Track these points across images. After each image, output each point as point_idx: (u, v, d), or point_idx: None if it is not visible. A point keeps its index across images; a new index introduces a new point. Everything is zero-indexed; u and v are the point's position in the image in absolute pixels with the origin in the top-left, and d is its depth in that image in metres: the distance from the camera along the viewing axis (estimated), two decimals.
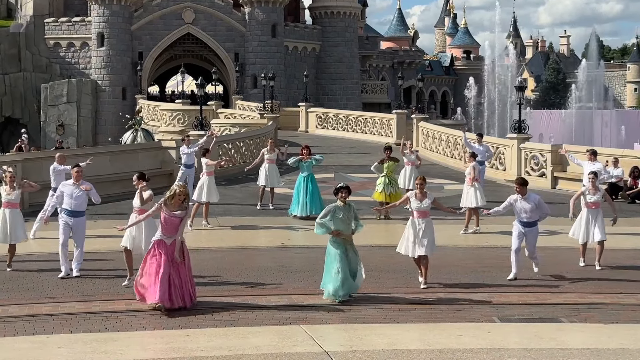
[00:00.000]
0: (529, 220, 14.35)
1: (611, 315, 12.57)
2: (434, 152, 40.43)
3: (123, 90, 73.28)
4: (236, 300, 13.40)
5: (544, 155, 30.85)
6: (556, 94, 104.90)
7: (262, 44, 75.49)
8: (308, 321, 11.79)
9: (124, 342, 10.73)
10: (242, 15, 75.94)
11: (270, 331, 11.42)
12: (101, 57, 74.27)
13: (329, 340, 10.70)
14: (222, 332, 11.33)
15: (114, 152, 32.80)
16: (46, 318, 12.41)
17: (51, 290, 14.46)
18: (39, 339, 11.11)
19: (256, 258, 18.37)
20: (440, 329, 11.68)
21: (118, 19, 74.06)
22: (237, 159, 33.91)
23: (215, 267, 16.03)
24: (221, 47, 75.59)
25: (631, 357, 10.05)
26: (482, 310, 12.67)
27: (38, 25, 76.85)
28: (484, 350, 10.61)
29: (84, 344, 10.94)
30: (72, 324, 12.00)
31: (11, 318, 12.42)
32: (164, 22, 75.49)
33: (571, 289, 14.49)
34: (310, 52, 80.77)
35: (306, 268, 16.02)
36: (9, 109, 72.51)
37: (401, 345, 10.88)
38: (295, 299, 13.56)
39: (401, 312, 12.75)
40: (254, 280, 15.32)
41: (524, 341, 11.15)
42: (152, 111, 59.88)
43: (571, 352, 10.56)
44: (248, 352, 10.22)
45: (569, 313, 12.64)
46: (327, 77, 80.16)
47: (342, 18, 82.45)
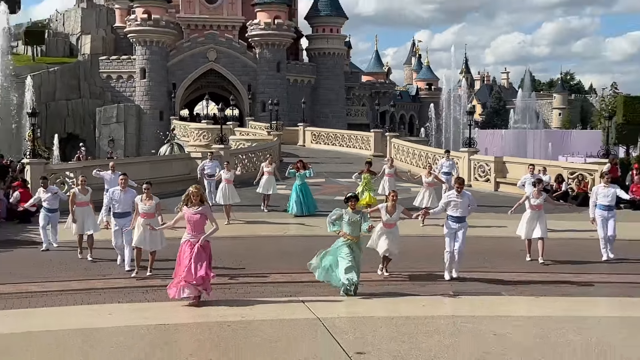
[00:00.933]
0: (462, 215, 13.27)
1: (540, 290, 12.61)
2: (402, 162, 40.33)
3: (160, 113, 73.32)
4: (247, 278, 13.42)
5: (488, 165, 30.96)
6: (498, 117, 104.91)
7: (269, 77, 75.67)
8: (304, 294, 11.85)
9: (157, 311, 10.80)
10: (254, 54, 76.14)
11: (274, 302, 11.51)
12: (143, 87, 74.37)
13: (320, 309, 10.71)
14: (236, 302, 11.32)
15: (153, 162, 33.21)
16: (99, 291, 12.49)
17: (103, 270, 14.39)
18: (94, 308, 11.21)
19: (263, 245, 18.27)
20: (407, 301, 11.68)
21: (156, 57, 74.13)
22: (249, 167, 33.88)
23: (232, 252, 15.96)
24: (237, 80, 75.72)
25: (554, 322, 10.12)
26: (441, 287, 12.67)
27: (94, 62, 76.86)
28: (442, 317, 10.68)
29: (129, 312, 11.04)
30: (119, 296, 12.10)
31: (72, 291, 12.58)
32: (192, 60, 75.56)
33: (510, 269, 14.46)
34: (307, 84, 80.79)
35: (301, 253, 16.00)
36: (71, 127, 72.45)
37: (375, 313, 10.97)
38: (294, 277, 13.55)
39: (375, 288, 12.71)
40: (262, 262, 15.28)
41: (473, 309, 11.24)
42: (183, 129, 59.89)
43: (510, 317, 10.66)
44: (256, 318, 10.33)
45: (508, 288, 12.62)
46: (320, 103, 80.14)
47: (331, 57, 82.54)
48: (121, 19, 79.31)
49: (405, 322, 10.38)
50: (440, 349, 8.96)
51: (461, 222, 13.30)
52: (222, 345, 9.04)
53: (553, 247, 15.64)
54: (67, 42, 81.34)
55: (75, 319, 10.45)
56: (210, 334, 9.65)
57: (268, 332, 9.57)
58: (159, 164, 31.49)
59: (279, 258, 15.98)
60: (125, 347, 9.02)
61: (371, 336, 9.55)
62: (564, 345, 9.09)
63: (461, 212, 13.24)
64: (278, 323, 10.15)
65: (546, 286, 12.98)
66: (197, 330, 9.85)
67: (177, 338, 9.60)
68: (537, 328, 10.10)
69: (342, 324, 10.00)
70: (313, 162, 39.75)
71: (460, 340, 9.42)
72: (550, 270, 14.48)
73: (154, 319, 10.35)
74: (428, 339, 9.39)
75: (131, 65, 75.54)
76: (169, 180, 25.71)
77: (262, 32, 75.61)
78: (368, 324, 10.21)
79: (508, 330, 9.79)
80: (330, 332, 9.48)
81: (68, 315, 10.74)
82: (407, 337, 9.42)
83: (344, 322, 10.13)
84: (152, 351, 8.92)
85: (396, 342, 9.25)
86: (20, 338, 9.34)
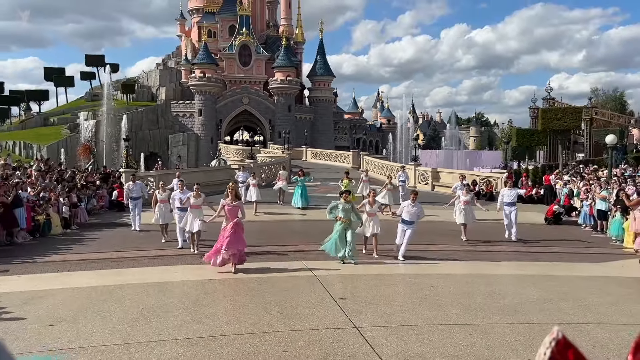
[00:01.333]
0: (410, 219, 12.17)
1: (463, 256, 12.57)
2: (371, 171, 40.33)
3: (211, 139, 73.33)
4: (268, 248, 13.35)
5: (427, 174, 30.90)
6: (434, 142, 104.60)
7: (283, 115, 75.80)
8: (306, 259, 11.79)
9: (209, 271, 10.64)
10: (273, 100, 76.42)
11: (285, 264, 11.47)
12: (200, 121, 74.45)
13: (317, 269, 10.66)
14: (259, 265, 11.27)
15: (206, 171, 33.32)
16: (169, 257, 12.41)
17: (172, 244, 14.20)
18: (167, 268, 11.15)
19: (278, 227, 18.15)
20: (376, 266, 11.64)
21: (209, 102, 74.26)
22: (269, 175, 33.77)
23: (258, 231, 15.92)
24: (262, 117, 75.85)
25: (471, 277, 10.08)
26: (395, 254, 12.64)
27: (167, 105, 77.14)
28: (397, 274, 10.66)
29: (189, 271, 11.00)
30: (182, 260, 11.97)
31: (151, 257, 12.48)
32: (232, 104, 75.78)
33: (443, 243, 14.43)
34: (308, 120, 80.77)
35: (306, 232, 15.96)
36: (152, 148, 72.60)
37: (354, 272, 10.89)
38: (300, 247, 13.47)
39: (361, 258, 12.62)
40: (278, 238, 15.20)
41: (418, 270, 11.18)
42: (226, 150, 59.88)
43: (441, 275, 10.59)
44: (269, 275, 10.30)
45: (442, 255, 12.58)
46: (317, 132, 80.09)
47: (324, 102, 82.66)
48: (185, 76, 79.41)
49: (374, 278, 10.36)
50: (396, 295, 8.94)
51: (409, 225, 12.19)
52: (251, 292, 9.02)
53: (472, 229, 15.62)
54: (149, 91, 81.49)
55: (154, 276, 10.41)
56: (243, 285, 9.62)
57: (282, 284, 9.54)
58: (210, 172, 31.67)
59: (289, 235, 15.95)
60: (186, 294, 8.98)
61: (350, 287, 9.53)
62: (477, 293, 9.08)
63: (410, 217, 12.25)
64: (288, 278, 10.11)
65: (468, 254, 12.97)
66: (234, 282, 9.82)
67: (221, 288, 9.56)
68: (459, 282, 10.08)
69: (331, 279, 9.96)
70: (312, 171, 39.70)
71: (408, 289, 9.41)
72: (471, 244, 14.44)
73: (206, 276, 10.28)
74: (387, 289, 9.37)
75: (192, 107, 75.76)
76: (216, 184, 25.62)
77: (279, 86, 75.86)
78: (349, 280, 10.18)
79: (440, 283, 9.77)
80: (322, 284, 9.45)
81: (150, 273, 10.68)
82: (374, 288, 9.40)
83: (333, 278, 10.09)
84: (205, 295, 8.87)
85: (366, 291, 9.23)
86: (118, 287, 9.31)
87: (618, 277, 10.63)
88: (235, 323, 7.23)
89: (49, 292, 8.93)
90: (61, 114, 76.41)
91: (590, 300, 8.63)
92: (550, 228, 18.26)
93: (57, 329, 6.95)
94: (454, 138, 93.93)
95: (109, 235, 16.06)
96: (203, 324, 7.17)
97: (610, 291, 9.32)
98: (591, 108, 48.47)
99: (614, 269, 11.68)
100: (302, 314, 7.67)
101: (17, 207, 14.52)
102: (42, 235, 15.57)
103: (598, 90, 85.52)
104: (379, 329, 7.04)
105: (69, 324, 7.16)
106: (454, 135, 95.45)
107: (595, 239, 16.27)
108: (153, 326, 7.09)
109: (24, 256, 12.43)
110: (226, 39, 79.49)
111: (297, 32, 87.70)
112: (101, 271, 10.83)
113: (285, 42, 77.15)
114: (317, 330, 6.94)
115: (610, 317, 7.78)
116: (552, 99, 50.51)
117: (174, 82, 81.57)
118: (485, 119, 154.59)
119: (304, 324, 7.20)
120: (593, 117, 46.77)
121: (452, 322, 7.38)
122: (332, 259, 11.43)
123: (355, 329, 6.97)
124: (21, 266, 11.32)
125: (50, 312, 7.75)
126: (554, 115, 39.35)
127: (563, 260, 12.50)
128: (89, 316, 7.53)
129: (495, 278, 10.50)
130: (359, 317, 7.52)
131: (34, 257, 12.35)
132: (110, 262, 11.82)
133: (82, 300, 8.48)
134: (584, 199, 19.16)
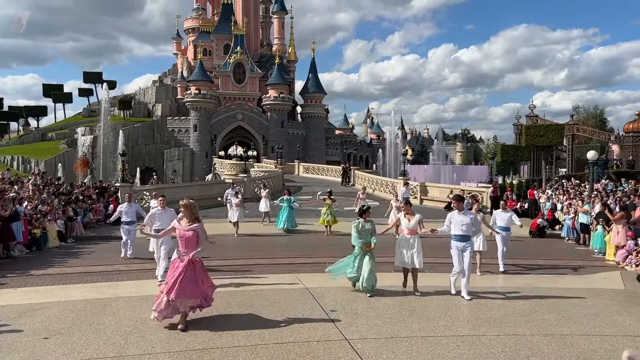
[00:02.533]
0: (466, 233, 9.46)
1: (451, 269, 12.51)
2: (360, 185, 40.47)
3: (206, 153, 73.17)
4: (258, 260, 13.24)
5: (416, 188, 30.99)
6: (422, 157, 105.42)
7: (277, 131, 75.82)
8: (297, 272, 11.68)
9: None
10: (267, 116, 76.49)
11: (275, 276, 11.34)
12: (195, 137, 74.28)
13: (308, 282, 10.59)
14: (249, 278, 11.18)
15: (201, 185, 33.04)
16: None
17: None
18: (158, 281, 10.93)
19: (266, 240, 18.09)
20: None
21: (204, 118, 74.26)
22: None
23: (249, 244, 15.83)
24: (256, 132, 75.81)
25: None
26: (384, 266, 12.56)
27: (163, 120, 77.12)
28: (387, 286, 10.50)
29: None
30: None
31: (145, 270, 12.25)
32: (227, 119, 75.81)
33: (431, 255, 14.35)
34: (300, 135, 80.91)
35: (296, 244, 15.89)
36: (148, 162, 72.56)
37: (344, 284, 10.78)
38: (291, 260, 13.39)
39: None
40: (268, 251, 15.10)
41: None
42: (220, 164, 59.75)
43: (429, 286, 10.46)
44: (261, 287, 10.19)
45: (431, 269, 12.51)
46: (309, 147, 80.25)
47: (316, 118, 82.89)
48: (181, 93, 79.58)
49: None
50: (386, 307, 8.88)
51: (467, 242, 9.64)
52: (243, 305, 8.92)
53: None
54: (146, 107, 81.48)
55: (148, 288, 10.24)
56: (236, 297, 9.50)
57: (273, 296, 9.46)
58: (205, 186, 31.51)
59: (279, 248, 15.84)
60: None
61: (341, 300, 9.45)
62: (464, 305, 9.04)
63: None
64: (279, 291, 10.02)
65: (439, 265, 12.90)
66: (227, 295, 9.70)
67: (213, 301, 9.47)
68: (447, 294, 9.99)
69: (322, 292, 9.86)
70: (304, 185, 39.68)
71: (398, 302, 9.32)
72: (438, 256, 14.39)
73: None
74: (377, 301, 9.30)
75: (187, 122, 75.78)
76: (211, 197, 25.53)
77: (272, 102, 76.01)
78: (339, 292, 10.08)
79: (428, 295, 9.71)
80: (313, 297, 9.38)
81: (144, 286, 10.52)
82: (364, 301, 9.33)
83: (324, 290, 9.99)
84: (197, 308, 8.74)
85: (357, 303, 9.16)
86: (113, 300, 9.20)
87: (600, 289, 10.65)
88: (227, 336, 7.14)
89: (45, 305, 8.80)
90: (59, 130, 76.18)
91: (574, 312, 8.63)
92: (534, 241, 18.30)
93: (52, 342, 6.85)
94: (441, 153, 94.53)
95: (104, 248, 15.91)
96: (196, 337, 7.09)
97: (593, 303, 9.32)
98: (573, 125, 49.01)
99: (596, 281, 11.70)
100: (293, 326, 7.60)
101: (14, 221, 14.38)
102: (39, 249, 15.40)
103: (579, 108, 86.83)
104: (369, 341, 6.98)
105: (64, 337, 7.05)
106: (441, 150, 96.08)
107: (578, 251, 16.32)
108: (147, 339, 7.00)
109: (20, 269, 12.27)
110: (221, 57, 79.82)
111: (290, 51, 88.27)
112: (96, 284, 10.70)
113: (278, 60, 77.58)
114: (308, 343, 6.88)
115: (593, 328, 7.78)
116: (535, 116, 51.03)
117: (170, 98, 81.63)
118: (471, 135, 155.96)
119: (295, 337, 7.13)
120: (575, 134, 47.26)
121: (441, 334, 7.34)
122: (327, 274, 11.06)
123: (345, 341, 6.91)
124: (17, 279, 11.17)
125: (45, 324, 7.63)
126: (537, 131, 39.70)
127: (547, 273, 12.52)
128: (83, 329, 7.43)
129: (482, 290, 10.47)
130: (350, 329, 7.47)
131: (30, 270, 12.19)
132: (105, 274, 11.69)
133: (77, 313, 8.36)
134: (567, 212, 19.27)
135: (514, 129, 53.79)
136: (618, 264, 13.60)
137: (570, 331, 7.57)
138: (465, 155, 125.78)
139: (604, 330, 7.66)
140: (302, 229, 19.88)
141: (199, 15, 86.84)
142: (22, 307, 8.63)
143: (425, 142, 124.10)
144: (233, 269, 12.12)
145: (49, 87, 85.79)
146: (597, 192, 21.41)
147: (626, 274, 12.33)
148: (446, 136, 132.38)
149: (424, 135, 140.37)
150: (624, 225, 14.33)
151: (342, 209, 22.16)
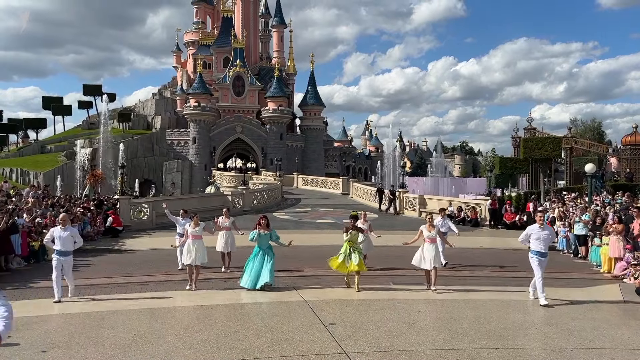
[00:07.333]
0: (544, 250, 10.21)
1: (450, 281, 12.51)
2: (359, 197, 40.43)
3: (205, 165, 73.17)
4: None
5: (415, 200, 31.02)
6: (421, 169, 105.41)
7: (276, 143, 75.97)
8: (296, 285, 11.68)
9: (202, 296, 10.44)
10: (266, 128, 76.57)
11: (275, 289, 11.29)
12: (194, 149, 74.34)
13: (307, 295, 10.56)
14: (248, 291, 11.13)
15: (200, 197, 32.95)
16: (162, 283, 12.24)
17: (164, 268, 14.08)
18: (158, 294, 10.93)
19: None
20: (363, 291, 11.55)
21: (203, 130, 74.37)
22: (261, 200, 33.68)
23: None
24: (255, 145, 75.92)
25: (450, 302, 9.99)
26: (383, 279, 12.56)
27: (162, 133, 77.33)
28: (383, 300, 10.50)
29: (183, 297, 10.79)
30: (176, 286, 11.80)
31: (144, 282, 12.29)
32: (226, 131, 75.90)
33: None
34: (299, 147, 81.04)
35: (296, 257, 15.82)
36: (147, 175, 72.52)
37: (342, 297, 10.79)
38: (289, 274, 13.35)
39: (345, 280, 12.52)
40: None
41: (408, 295, 11.04)
42: (220, 176, 59.67)
43: (428, 300, 10.47)
44: (264, 301, 10.12)
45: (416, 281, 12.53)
46: (308, 159, 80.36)
47: (315, 131, 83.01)
48: (180, 105, 79.93)
49: (362, 304, 10.25)
50: (385, 320, 8.85)
51: (544, 257, 10.25)
52: (242, 318, 8.90)
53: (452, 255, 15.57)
54: (145, 120, 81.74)
55: (146, 302, 10.24)
56: (235, 311, 9.49)
57: (272, 310, 9.44)
58: (204, 199, 31.39)
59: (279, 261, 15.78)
60: (178, 320, 8.86)
61: (340, 312, 9.44)
62: (463, 318, 9.03)
63: (544, 247, 10.23)
64: (279, 304, 10.02)
65: (454, 280, 12.88)
66: (226, 308, 9.69)
67: (213, 314, 9.44)
68: (446, 307, 9.98)
69: (321, 305, 9.84)
70: (303, 198, 39.70)
71: (397, 315, 9.29)
72: (456, 270, 14.39)
73: (198, 302, 10.15)
74: (376, 314, 9.28)
75: (186, 135, 75.94)
76: (210, 209, 25.51)
77: (271, 115, 76.23)
78: (338, 305, 10.07)
79: (427, 308, 9.70)
80: (312, 310, 9.35)
81: (142, 299, 10.48)
82: (363, 314, 9.32)
83: (322, 303, 9.97)
84: (196, 321, 8.73)
85: (355, 316, 9.14)
86: (111, 313, 9.17)
87: (599, 302, 10.64)
88: (226, 349, 7.13)
89: (43, 318, 8.78)
90: (58, 142, 76.26)
91: (573, 325, 8.61)
92: None
93: (50, 355, 6.82)
94: (440, 166, 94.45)
95: (102, 260, 15.86)
96: (194, 350, 7.07)
97: (592, 316, 9.31)
98: (571, 137, 49.22)
99: (595, 294, 11.68)
100: (292, 339, 7.58)
101: (13, 234, 14.36)
102: (37, 261, 15.35)
103: (577, 121, 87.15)
104: (368, 355, 6.96)
105: (62, 350, 7.03)
106: (439, 163, 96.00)
107: (576, 264, 16.31)
108: (145, 352, 6.98)
109: (19, 282, 12.24)
110: (220, 70, 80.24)
111: (289, 64, 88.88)
112: (95, 297, 10.68)
113: (277, 73, 78.01)
114: (307, 356, 6.86)
115: (592, 341, 7.77)
116: (534, 128, 51.26)
117: (169, 111, 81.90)
118: (469, 148, 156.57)
119: (294, 350, 7.12)
120: (573, 146, 47.45)
121: (440, 347, 7.32)
122: (324, 284, 11.26)
123: (344, 355, 6.89)
124: (15, 292, 11.13)
125: (43, 338, 7.61)
126: (535, 144, 39.82)
127: (546, 286, 12.48)
128: (81, 342, 7.40)
129: (481, 303, 10.44)
130: (349, 342, 7.45)
131: (28, 283, 12.17)
132: (103, 287, 11.66)
133: (75, 326, 8.33)
134: (560, 225, 19.31)
135: (512, 142, 54.02)
136: (617, 277, 13.60)
137: (570, 344, 7.56)
138: (463, 168, 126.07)
139: (603, 344, 7.65)
140: None
141: (198, 29, 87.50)
142: (20, 320, 8.58)
143: (424, 154, 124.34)
144: (232, 279, 12.13)
145: (48, 100, 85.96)
146: (595, 204, 21.46)
147: (625, 286, 12.32)
148: (445, 149, 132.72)
149: (422, 148, 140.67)
150: (619, 238, 14.32)
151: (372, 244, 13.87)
